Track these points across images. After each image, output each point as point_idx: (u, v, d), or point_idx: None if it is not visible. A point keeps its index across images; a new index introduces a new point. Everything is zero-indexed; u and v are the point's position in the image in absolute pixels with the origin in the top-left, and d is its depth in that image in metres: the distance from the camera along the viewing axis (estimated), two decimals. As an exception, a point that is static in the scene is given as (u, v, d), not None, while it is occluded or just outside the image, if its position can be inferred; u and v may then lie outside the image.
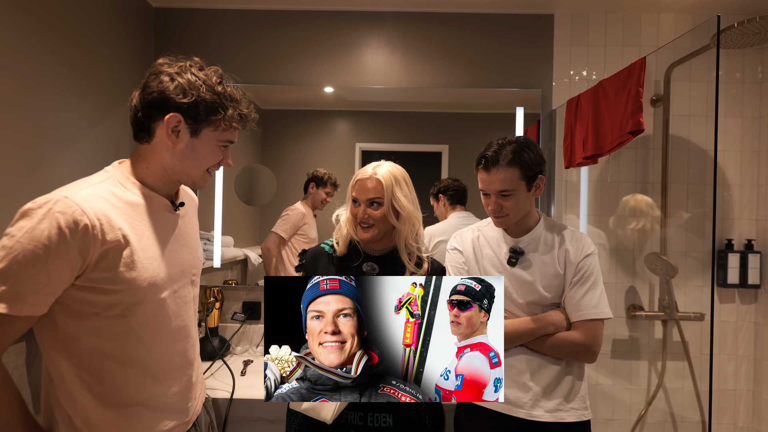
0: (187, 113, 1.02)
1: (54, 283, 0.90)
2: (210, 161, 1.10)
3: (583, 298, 1.38)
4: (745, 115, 2.43)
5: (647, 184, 2.42)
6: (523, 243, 1.46)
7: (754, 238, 2.39)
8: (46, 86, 1.74)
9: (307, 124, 2.50)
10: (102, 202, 0.96)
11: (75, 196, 0.93)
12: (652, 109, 2.41)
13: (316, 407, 1.26)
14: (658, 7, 2.39)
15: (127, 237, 0.97)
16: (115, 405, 1.00)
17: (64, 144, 1.84)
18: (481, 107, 2.51)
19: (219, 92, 1.04)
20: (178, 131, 1.03)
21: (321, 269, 1.49)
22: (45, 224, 0.88)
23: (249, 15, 2.48)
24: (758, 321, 2.41)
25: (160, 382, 1.07)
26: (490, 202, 1.42)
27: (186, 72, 1.04)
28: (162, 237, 1.06)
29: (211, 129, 1.06)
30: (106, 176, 1.03)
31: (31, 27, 1.66)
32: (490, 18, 2.48)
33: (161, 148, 1.05)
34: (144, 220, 1.03)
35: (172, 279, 1.07)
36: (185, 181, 1.11)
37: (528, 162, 1.36)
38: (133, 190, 1.04)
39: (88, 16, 1.97)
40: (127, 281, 0.97)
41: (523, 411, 1.38)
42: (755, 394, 2.42)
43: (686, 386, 2.37)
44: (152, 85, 1.03)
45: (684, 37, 2.03)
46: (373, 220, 1.41)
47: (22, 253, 0.87)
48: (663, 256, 2.28)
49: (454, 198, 2.39)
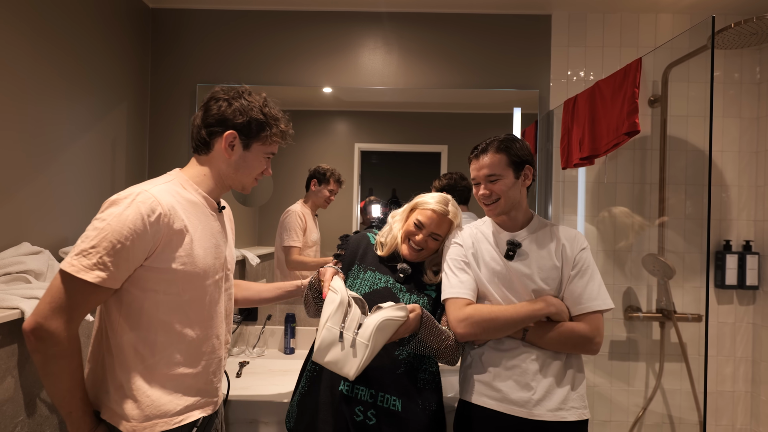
0: (241, 131, 1.24)
1: (132, 260, 1.09)
2: (258, 170, 1.32)
3: (584, 291, 1.41)
4: (744, 115, 2.43)
5: (645, 185, 2.42)
6: (520, 237, 1.48)
7: (752, 239, 2.38)
8: (42, 88, 1.75)
9: (305, 124, 2.50)
10: (170, 197, 1.16)
11: (152, 190, 1.13)
12: (650, 110, 2.40)
13: (339, 362, 1.24)
14: (656, 7, 2.39)
15: (187, 228, 1.17)
16: (160, 378, 1.17)
17: (60, 145, 1.84)
18: (479, 107, 2.51)
19: (266, 113, 1.27)
20: (233, 145, 1.25)
21: (362, 254, 1.61)
22: (130, 210, 1.07)
23: (246, 16, 2.48)
24: (756, 322, 2.40)
25: (199, 361, 1.23)
26: (480, 189, 1.48)
27: (240, 98, 1.26)
28: (210, 232, 1.26)
29: (260, 144, 1.28)
30: (170, 178, 1.23)
31: (27, 29, 1.66)
32: (488, 18, 2.47)
33: (218, 159, 1.27)
34: (199, 217, 1.23)
35: (215, 269, 1.26)
36: (236, 186, 1.32)
37: (515, 150, 1.45)
38: (192, 192, 1.24)
39: (84, 17, 1.97)
40: (184, 264, 1.16)
41: (525, 410, 1.38)
42: (753, 396, 2.41)
43: (684, 387, 2.36)
44: (213, 108, 1.25)
45: (681, 38, 2.03)
46: (427, 247, 1.54)
47: (111, 234, 1.05)
48: (660, 258, 2.28)
49: (461, 198, 2.38)
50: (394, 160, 1.49)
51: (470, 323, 1.40)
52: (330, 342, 1.25)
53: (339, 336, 1.25)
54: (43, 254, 1.62)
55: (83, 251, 1.05)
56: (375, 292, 1.50)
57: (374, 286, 1.52)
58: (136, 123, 2.39)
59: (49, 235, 1.79)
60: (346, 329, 1.26)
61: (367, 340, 1.24)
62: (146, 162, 2.47)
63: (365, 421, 1.39)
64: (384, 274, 1.55)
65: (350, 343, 1.25)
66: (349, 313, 1.28)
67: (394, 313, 1.27)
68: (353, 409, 1.39)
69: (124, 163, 2.28)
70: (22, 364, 1.36)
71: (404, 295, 1.52)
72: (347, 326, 1.26)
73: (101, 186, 2.11)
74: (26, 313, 1.29)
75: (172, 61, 2.48)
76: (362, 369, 1.24)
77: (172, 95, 2.48)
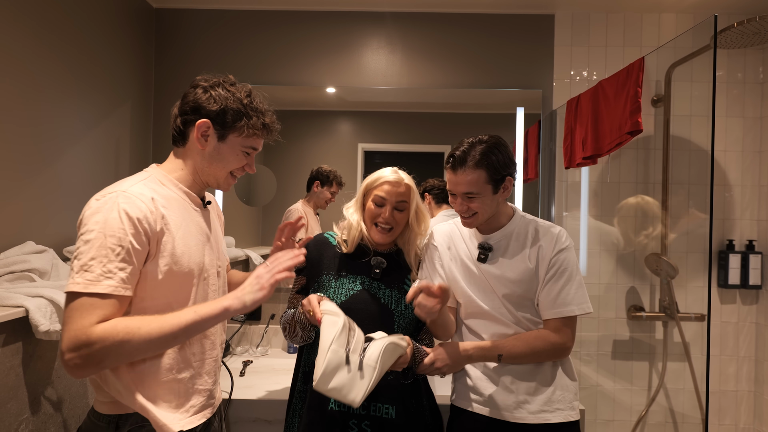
0: (215, 120, 1.16)
1: (137, 262, 1.02)
2: (234, 165, 1.22)
3: (558, 295, 1.35)
4: (747, 115, 2.42)
5: (648, 185, 2.42)
6: (494, 240, 1.44)
7: (755, 239, 2.38)
8: (47, 87, 1.75)
9: (308, 124, 2.50)
10: (149, 193, 1.08)
11: (131, 189, 1.06)
12: (653, 109, 2.40)
13: (345, 387, 1.13)
14: (659, 7, 2.39)
15: (168, 225, 1.09)
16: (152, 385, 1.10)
17: (64, 144, 1.85)
18: (482, 107, 2.51)
19: (245, 104, 1.18)
20: (207, 136, 1.17)
21: (326, 261, 1.50)
22: (115, 214, 1.00)
23: (250, 16, 2.49)
24: (759, 322, 2.40)
25: (191, 363, 1.17)
26: (456, 202, 1.41)
27: (218, 86, 1.18)
28: (195, 229, 1.19)
29: (236, 135, 1.18)
30: (147, 175, 1.15)
31: (31, 28, 1.67)
32: (491, 18, 2.48)
33: (193, 151, 1.19)
34: (181, 213, 1.15)
35: (203, 268, 1.18)
36: (211, 182, 1.23)
37: (495, 165, 1.34)
38: (171, 188, 1.16)
39: (88, 17, 1.98)
40: (168, 265, 1.08)
41: (508, 413, 1.37)
42: (756, 395, 2.41)
43: (687, 387, 2.36)
44: (189, 97, 1.18)
45: (685, 38, 2.03)
46: (395, 223, 1.45)
47: (106, 241, 0.98)
48: (663, 257, 2.28)
49: (440, 197, 2.43)
50: (397, 160, 1.49)
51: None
52: (336, 365, 1.14)
53: (346, 359, 1.15)
54: (47, 253, 1.62)
55: (83, 266, 0.97)
56: (354, 297, 1.42)
57: (350, 292, 1.43)
58: (140, 122, 2.39)
59: (53, 234, 1.80)
60: (352, 351, 1.16)
61: (375, 362, 1.15)
62: (150, 160, 2.47)
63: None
64: (358, 275, 1.46)
65: (357, 366, 1.15)
66: (353, 336, 1.20)
67: (398, 339, 1.22)
68: (347, 422, 1.37)
69: (128, 161, 2.29)
70: (27, 362, 1.37)
71: (384, 293, 1.45)
72: (353, 348, 1.17)
73: (105, 184, 2.07)
74: (30, 312, 1.30)
75: (175, 61, 2.49)
76: (367, 395, 1.15)
77: (175, 94, 2.46)
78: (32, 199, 1.70)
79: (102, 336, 0.94)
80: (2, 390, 1.28)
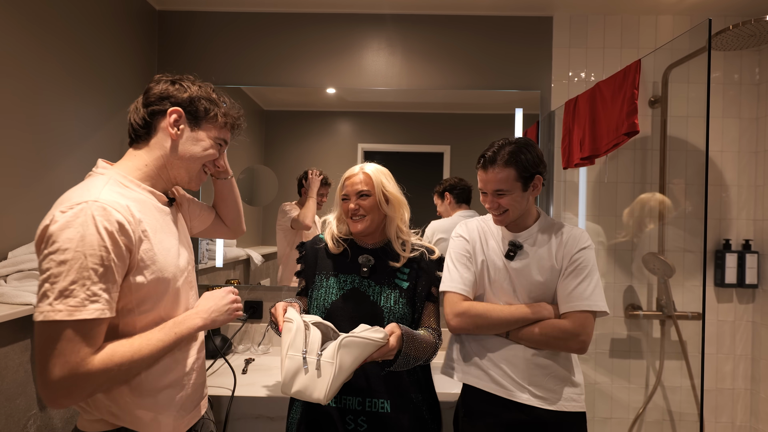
0: (186, 108, 1.13)
1: (118, 279, 0.96)
2: (206, 157, 1.18)
3: (575, 289, 1.39)
4: (743, 116, 2.45)
5: (645, 185, 2.44)
6: (522, 238, 1.49)
7: (751, 238, 2.41)
8: (50, 90, 1.78)
9: (309, 125, 2.53)
10: (121, 200, 1.00)
11: (101, 197, 0.96)
12: (650, 111, 2.43)
13: (308, 388, 1.18)
14: (656, 9, 2.41)
15: (146, 232, 1.03)
16: (150, 391, 1.07)
17: (68, 147, 1.88)
18: (481, 108, 2.53)
19: (213, 97, 1.18)
20: (179, 124, 1.13)
21: (320, 262, 1.55)
22: (90, 228, 0.91)
23: (252, 18, 2.51)
24: (756, 320, 2.42)
25: (181, 363, 1.15)
26: (488, 200, 1.47)
27: (184, 80, 1.17)
28: (168, 231, 1.14)
29: (209, 125, 1.17)
30: (105, 178, 1.04)
31: (35, 31, 1.70)
32: (490, 20, 2.50)
33: (161, 144, 1.13)
34: (153, 215, 1.09)
35: (181, 268, 1.15)
36: (181, 177, 1.18)
37: (524, 163, 1.40)
38: (135, 189, 1.09)
39: (90, 19, 2.00)
40: (153, 273, 1.04)
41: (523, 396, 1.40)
42: (753, 393, 2.44)
43: (684, 385, 2.38)
44: (154, 89, 1.14)
45: (681, 40, 2.05)
46: (364, 210, 1.48)
47: (84, 260, 0.89)
48: (660, 256, 2.30)
49: (461, 197, 2.43)
50: (397, 160, 1.50)
51: (465, 318, 1.43)
52: (295, 370, 1.20)
53: (303, 361, 1.20)
54: (53, 252, 1.64)
55: (63, 291, 0.88)
56: (344, 296, 1.46)
57: (341, 291, 1.48)
58: (143, 124, 2.41)
59: (59, 233, 1.82)
60: (308, 353, 1.21)
61: (331, 358, 1.18)
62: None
63: (357, 428, 1.41)
64: (348, 274, 1.50)
65: (315, 365, 1.19)
66: (308, 336, 1.23)
67: (367, 333, 1.22)
68: (344, 418, 1.42)
69: (132, 163, 2.31)
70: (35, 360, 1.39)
71: (374, 290, 1.47)
72: (309, 350, 1.21)
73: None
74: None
75: (178, 63, 2.52)
76: (334, 392, 1.18)
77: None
78: (40, 199, 1.72)
79: (101, 368, 0.92)
80: (11, 386, 1.31)
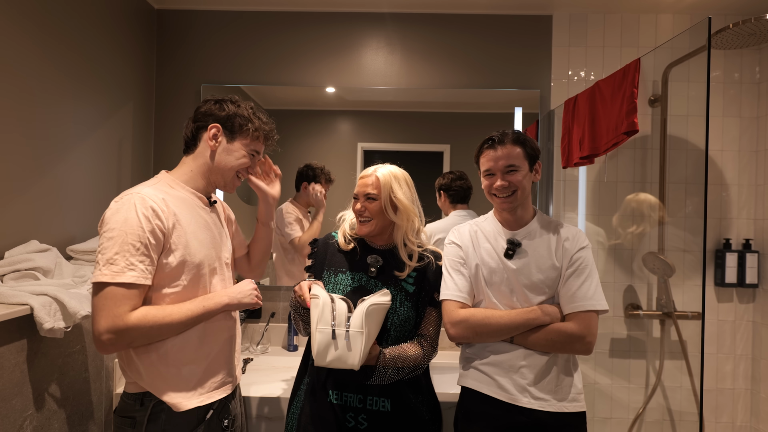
0: (224, 124, 1.37)
1: (153, 256, 1.20)
2: (239, 165, 1.40)
3: (578, 290, 1.39)
4: (743, 115, 2.44)
5: (645, 184, 2.44)
6: (520, 235, 1.48)
7: (752, 238, 2.40)
8: (47, 89, 1.77)
9: (309, 124, 2.53)
10: (160, 195, 1.25)
11: (143, 191, 1.23)
12: (650, 109, 2.42)
13: (341, 357, 1.29)
14: (656, 8, 2.40)
15: (180, 222, 1.27)
16: (175, 363, 1.27)
17: (67, 144, 1.87)
18: (480, 107, 2.53)
19: (249, 113, 1.40)
20: (217, 137, 1.36)
21: (329, 258, 1.57)
22: (132, 213, 1.17)
23: (251, 17, 2.51)
24: (756, 320, 2.42)
25: (208, 344, 1.34)
26: (496, 181, 1.45)
27: (226, 101, 1.39)
28: (203, 225, 1.35)
29: (242, 137, 1.39)
30: (156, 181, 1.33)
31: (31, 30, 1.69)
32: (489, 19, 2.49)
33: (204, 153, 1.37)
34: (189, 211, 1.32)
35: (211, 259, 1.35)
36: (219, 182, 1.40)
37: (530, 144, 1.47)
38: (179, 189, 1.34)
39: (89, 19, 2.00)
40: (183, 256, 1.26)
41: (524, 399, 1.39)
42: (753, 393, 2.43)
43: (684, 385, 2.38)
44: (201, 108, 1.39)
45: (681, 38, 2.04)
46: (369, 213, 1.48)
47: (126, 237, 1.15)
48: (660, 256, 2.30)
49: (455, 197, 2.42)
50: (396, 159, 1.51)
51: (464, 327, 1.42)
52: (326, 343, 1.30)
53: (332, 334, 1.30)
54: (50, 252, 1.64)
55: (109, 260, 1.14)
56: (350, 294, 1.47)
57: (348, 288, 1.48)
58: (142, 123, 2.42)
59: (56, 233, 1.82)
60: (337, 326, 1.31)
61: (360, 328, 1.29)
62: (152, 161, 2.50)
63: (357, 426, 1.41)
64: (356, 272, 1.51)
65: (344, 337, 1.30)
66: (335, 310, 1.33)
67: (379, 298, 1.34)
68: (345, 416, 1.42)
69: (130, 162, 2.31)
70: (31, 359, 1.39)
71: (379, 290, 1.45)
72: (337, 323, 1.31)
73: (108, 185, 2.13)
74: (35, 309, 1.32)
75: (177, 62, 2.51)
76: (365, 357, 1.31)
77: (177, 95, 2.51)
78: (36, 199, 1.72)
79: (135, 324, 1.15)
80: (7, 386, 1.31)
